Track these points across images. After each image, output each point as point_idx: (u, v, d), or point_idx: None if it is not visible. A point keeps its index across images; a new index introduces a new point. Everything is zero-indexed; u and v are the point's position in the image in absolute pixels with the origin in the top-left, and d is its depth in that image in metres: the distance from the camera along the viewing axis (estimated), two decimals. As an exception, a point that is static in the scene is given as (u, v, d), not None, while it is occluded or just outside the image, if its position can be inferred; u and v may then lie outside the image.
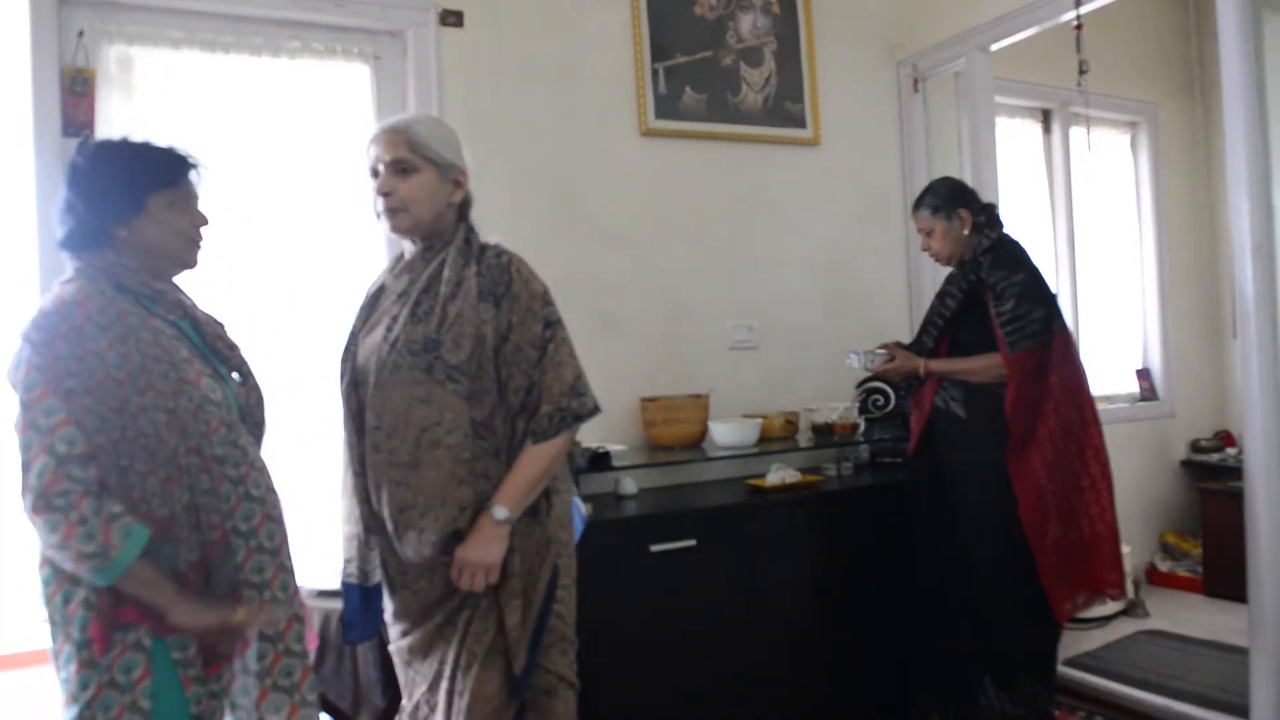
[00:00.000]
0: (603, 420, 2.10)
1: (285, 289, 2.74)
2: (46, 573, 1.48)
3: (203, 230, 1.68)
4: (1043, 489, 2.44)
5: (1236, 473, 3.30)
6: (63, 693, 1.46)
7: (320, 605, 2.26)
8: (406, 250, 1.86)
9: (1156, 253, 4.58)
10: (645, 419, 3.04)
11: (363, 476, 1.79)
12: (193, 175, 1.66)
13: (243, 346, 1.74)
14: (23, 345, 1.46)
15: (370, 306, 1.87)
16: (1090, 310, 4.29)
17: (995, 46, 3.41)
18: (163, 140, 1.65)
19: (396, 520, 1.73)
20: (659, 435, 2.99)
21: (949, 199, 2.64)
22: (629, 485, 2.85)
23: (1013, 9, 3.25)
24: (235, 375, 1.69)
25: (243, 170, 2.69)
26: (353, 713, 2.26)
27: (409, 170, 1.76)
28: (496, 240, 1.87)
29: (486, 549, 1.68)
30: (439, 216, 1.80)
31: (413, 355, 1.70)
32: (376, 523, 1.79)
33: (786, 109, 3.50)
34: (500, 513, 1.69)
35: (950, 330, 2.68)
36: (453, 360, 1.69)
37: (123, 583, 1.43)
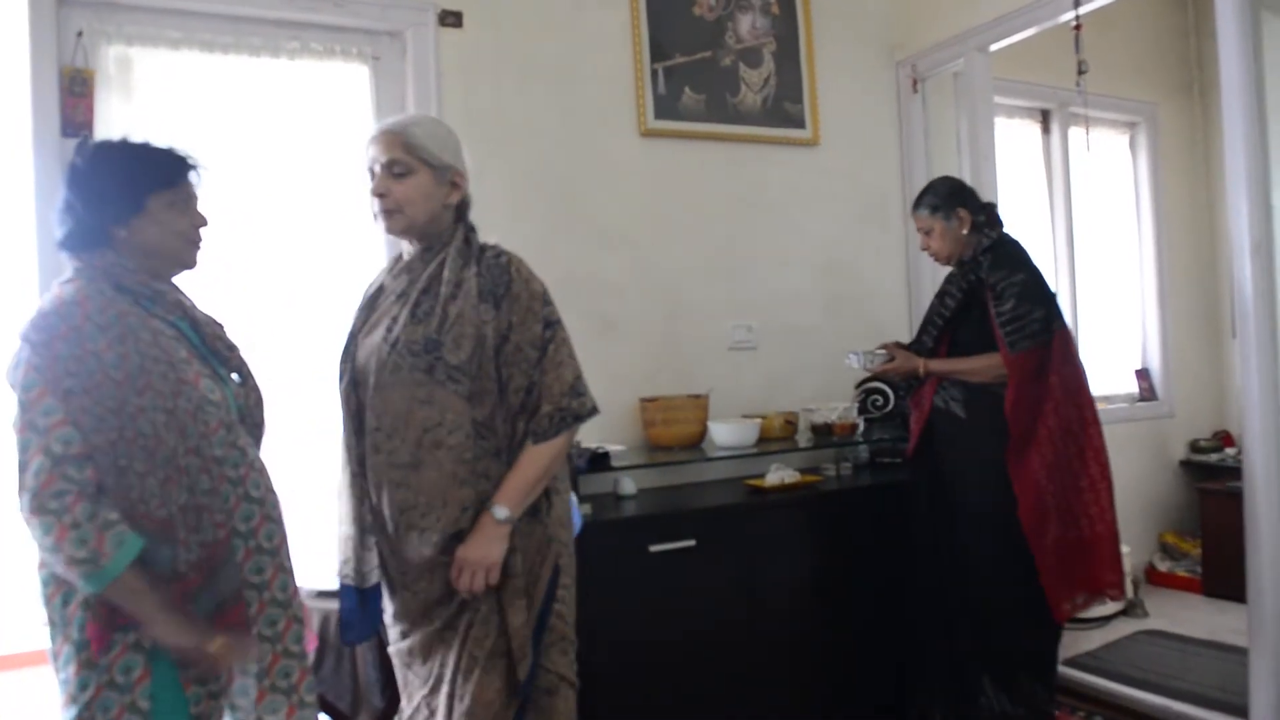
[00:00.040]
0: (602, 420, 2.10)
1: (284, 290, 2.74)
2: (46, 574, 1.48)
3: (202, 231, 1.68)
4: (1042, 489, 2.44)
5: (1236, 473, 3.30)
6: (62, 694, 1.46)
7: (319, 606, 2.26)
8: (405, 251, 1.86)
9: (1155, 253, 4.58)
10: (644, 419, 3.04)
11: (361, 477, 1.79)
12: (192, 176, 1.66)
13: (242, 347, 1.74)
14: (22, 345, 1.46)
15: (369, 307, 1.87)
16: (1089, 310, 4.29)
17: (994, 47, 3.41)
18: (162, 141, 1.65)
19: (397, 521, 1.73)
20: (658, 435, 2.99)
21: (948, 198, 2.64)
22: (628, 485, 2.85)
23: (1012, 9, 3.25)
24: (234, 376, 1.69)
25: (242, 171, 2.69)
26: (351, 713, 2.26)
27: (404, 172, 1.76)
28: (496, 240, 1.87)
29: (488, 548, 1.68)
30: (434, 218, 1.80)
31: (413, 356, 1.70)
32: (376, 523, 1.79)
33: (785, 109, 3.50)
34: (501, 512, 1.69)
35: (950, 330, 2.68)
36: (454, 361, 1.69)
37: (110, 590, 1.41)
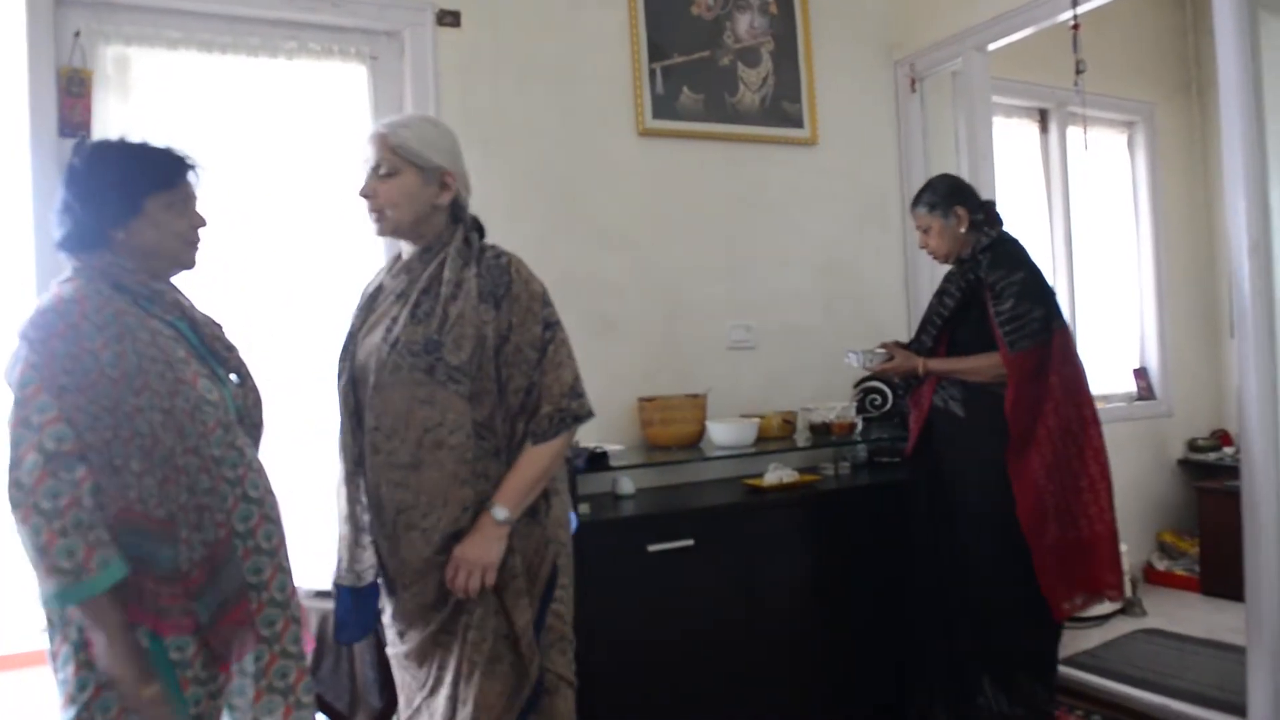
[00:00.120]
0: (600, 420, 2.10)
1: (282, 290, 2.73)
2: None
3: (200, 231, 1.68)
4: (1041, 489, 2.44)
5: (1234, 472, 3.31)
6: (61, 694, 1.46)
7: (318, 606, 2.26)
8: (404, 250, 1.86)
9: (1154, 252, 4.58)
10: (643, 419, 3.04)
11: (357, 476, 1.79)
12: (190, 176, 1.66)
13: (240, 348, 1.74)
14: (20, 343, 1.46)
15: (368, 307, 1.87)
16: (1088, 310, 4.29)
17: (992, 46, 3.41)
18: (160, 141, 1.64)
19: (395, 521, 1.73)
20: (657, 435, 2.99)
21: (946, 196, 2.64)
22: (626, 485, 2.85)
23: (1010, 9, 3.25)
24: (233, 377, 1.69)
25: (240, 171, 2.68)
26: (349, 713, 2.26)
27: (390, 173, 1.76)
28: (494, 240, 1.87)
29: (486, 548, 1.68)
30: (423, 219, 1.79)
31: (413, 356, 1.70)
32: (374, 522, 1.79)
33: (784, 109, 3.50)
34: (500, 513, 1.70)
35: (949, 329, 2.67)
36: (454, 361, 1.69)
37: (81, 606, 1.40)
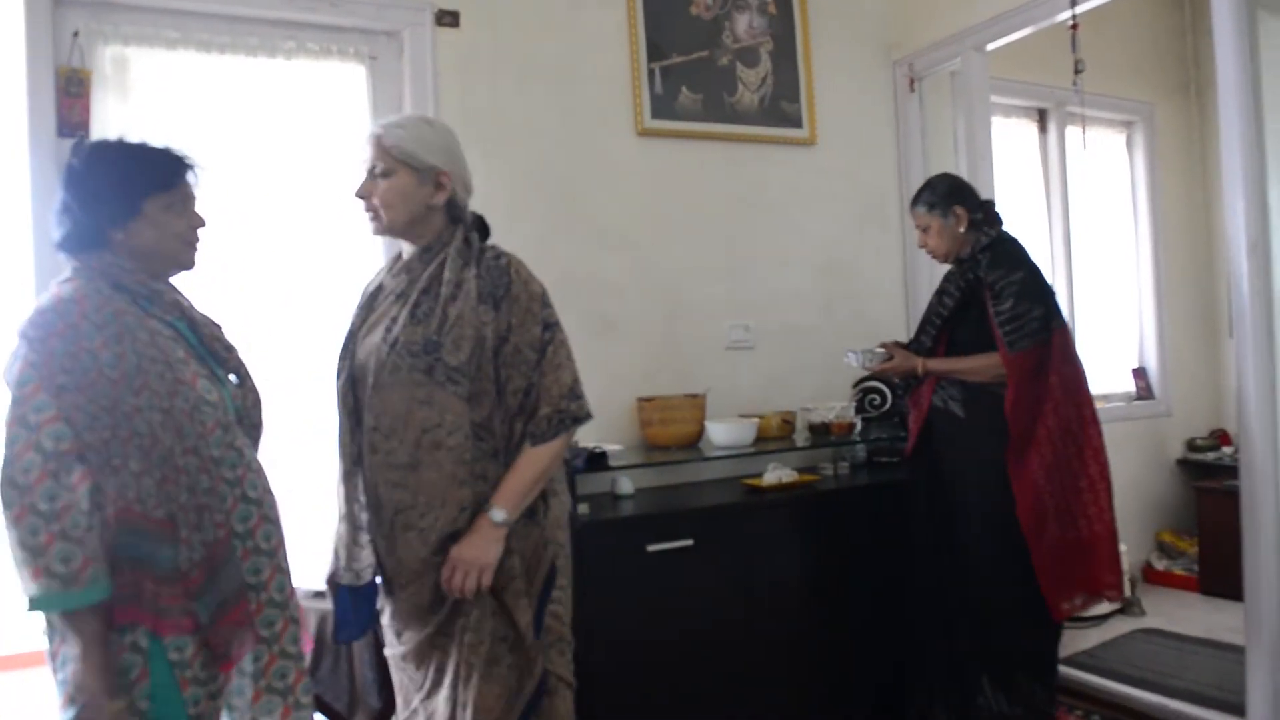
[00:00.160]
0: (600, 420, 2.10)
1: (281, 290, 2.73)
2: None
3: (199, 232, 1.68)
4: (1040, 490, 2.44)
5: (1232, 471, 3.31)
6: (60, 695, 1.45)
7: (316, 606, 2.26)
8: (405, 250, 1.86)
9: (1152, 252, 4.58)
10: (642, 419, 3.04)
11: (355, 475, 1.79)
12: (189, 177, 1.66)
13: (240, 348, 1.74)
14: (19, 342, 1.46)
15: (368, 306, 1.87)
16: (1086, 309, 4.29)
17: (991, 46, 3.41)
18: (159, 141, 1.64)
19: (393, 521, 1.73)
20: (656, 435, 2.99)
21: (945, 196, 2.63)
22: (626, 485, 2.85)
23: (1008, 9, 3.25)
24: (232, 377, 1.69)
25: (239, 171, 2.68)
26: (348, 713, 2.26)
27: (384, 174, 1.77)
28: (493, 240, 1.87)
29: (484, 550, 1.68)
30: (418, 219, 1.79)
31: (412, 357, 1.70)
32: (371, 522, 1.79)
33: (783, 109, 3.50)
34: (499, 515, 1.69)
35: (948, 329, 2.67)
36: (453, 362, 1.69)
37: (72, 619, 1.40)
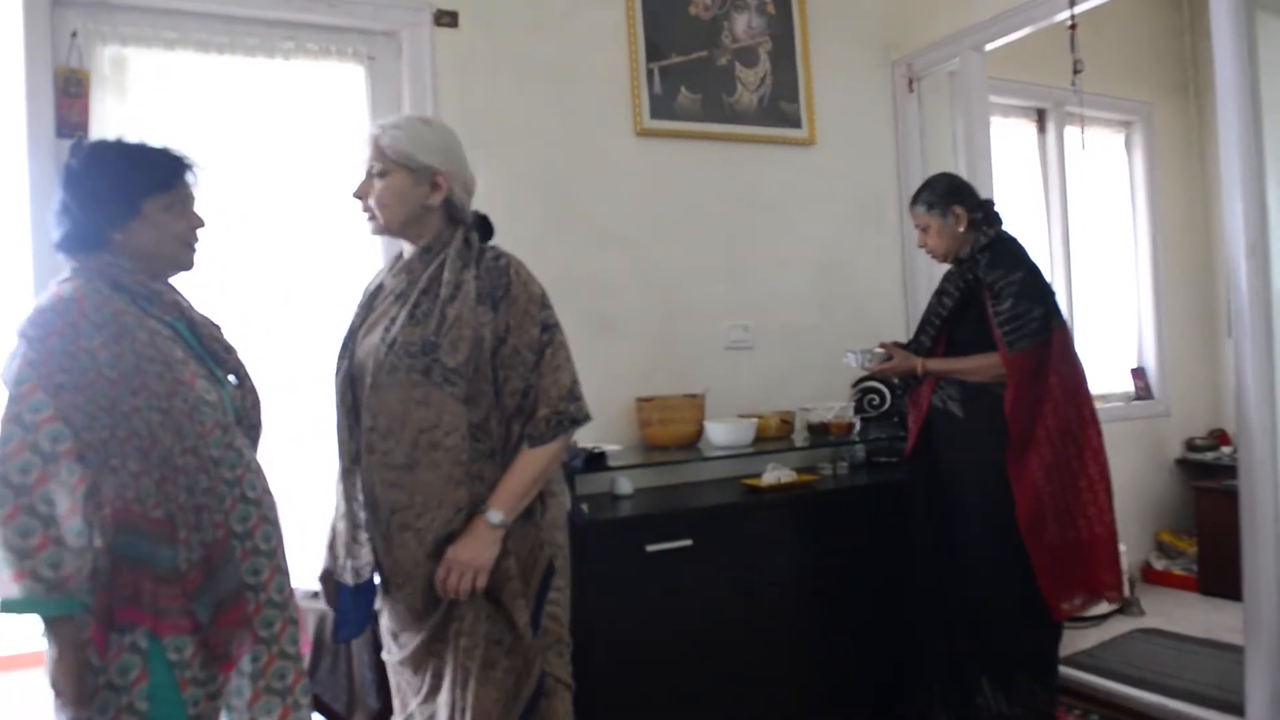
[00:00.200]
0: (599, 420, 2.10)
1: (280, 290, 2.73)
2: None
3: (199, 232, 1.68)
4: (1040, 491, 2.43)
5: (1231, 471, 3.31)
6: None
7: (315, 607, 2.25)
8: (405, 250, 1.86)
9: (1151, 252, 4.58)
10: (641, 419, 3.04)
11: (355, 473, 1.79)
12: (189, 177, 1.66)
13: (239, 348, 1.74)
14: (18, 341, 1.47)
15: (368, 305, 1.87)
16: (1085, 309, 4.29)
17: (990, 46, 3.41)
18: (158, 142, 1.64)
19: (390, 521, 1.73)
20: (655, 435, 2.99)
21: (945, 195, 2.63)
22: (625, 485, 2.85)
23: (1007, 9, 3.25)
24: (231, 377, 1.69)
25: (237, 172, 2.68)
26: (347, 714, 2.26)
27: (379, 174, 1.78)
28: (492, 240, 1.87)
29: (479, 551, 1.67)
30: (414, 219, 1.80)
31: (410, 357, 1.70)
32: (369, 521, 1.79)
33: (782, 109, 3.50)
34: (495, 516, 1.69)
35: (947, 329, 2.67)
36: (450, 363, 1.68)
37: (52, 624, 1.41)
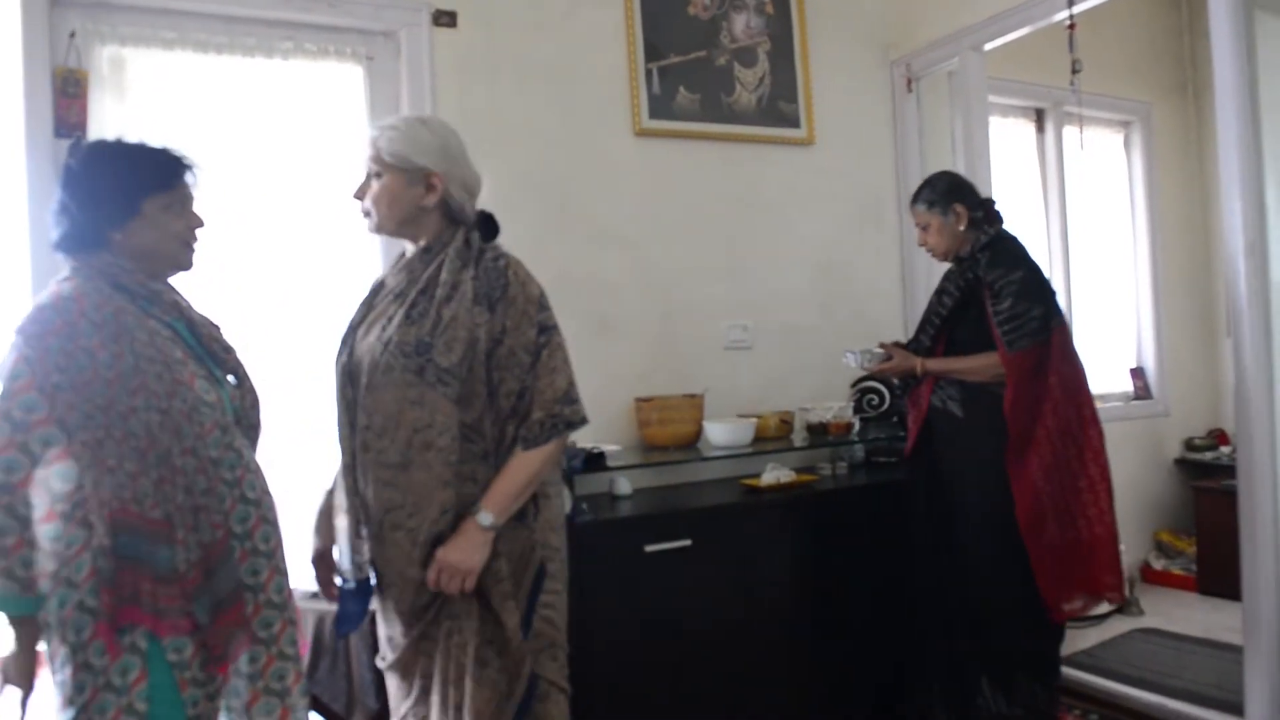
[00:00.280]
0: (598, 420, 2.10)
1: (279, 291, 2.72)
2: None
3: (198, 232, 1.68)
4: (1039, 491, 2.43)
5: (1230, 471, 3.31)
6: (59, 695, 1.46)
7: (314, 607, 2.26)
8: (407, 249, 1.87)
9: (1150, 252, 4.58)
10: (640, 419, 3.03)
11: (353, 470, 1.78)
12: (188, 177, 1.66)
13: (238, 349, 1.74)
14: (16, 338, 1.47)
15: (370, 302, 1.88)
16: (1084, 309, 4.29)
17: (989, 46, 3.41)
18: (157, 141, 1.64)
19: (383, 520, 1.73)
20: (654, 435, 2.99)
21: (945, 194, 2.63)
22: (624, 485, 2.85)
23: (1006, 8, 3.25)
24: (230, 378, 1.69)
25: (236, 172, 2.67)
26: (346, 714, 2.26)
27: (375, 175, 1.79)
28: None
29: (469, 553, 1.67)
30: (409, 220, 1.80)
31: (405, 357, 1.70)
32: (366, 518, 1.79)
33: (780, 109, 3.50)
34: (486, 518, 1.68)
35: (947, 329, 2.66)
36: (444, 363, 1.68)
37: (20, 623, 1.43)
